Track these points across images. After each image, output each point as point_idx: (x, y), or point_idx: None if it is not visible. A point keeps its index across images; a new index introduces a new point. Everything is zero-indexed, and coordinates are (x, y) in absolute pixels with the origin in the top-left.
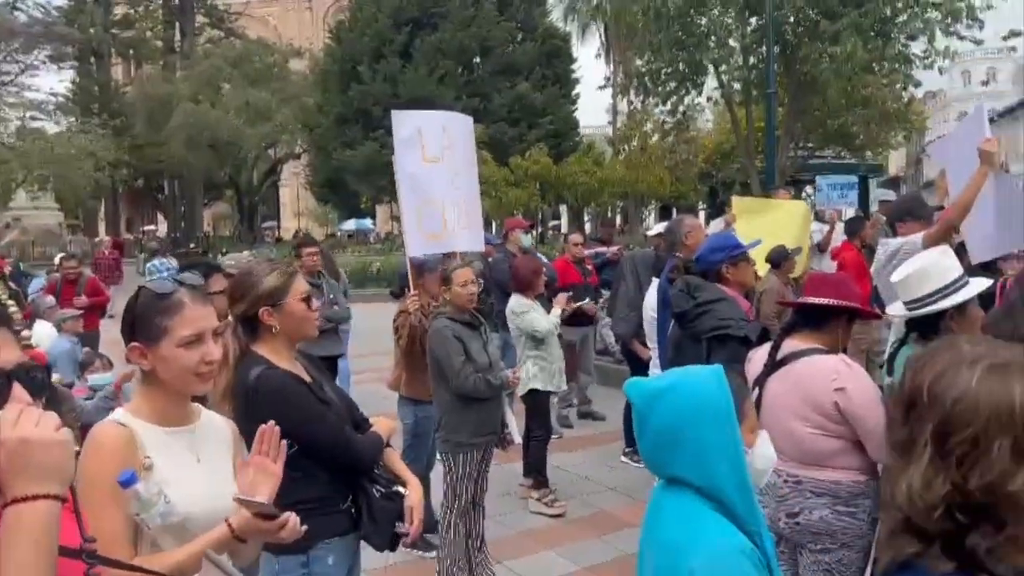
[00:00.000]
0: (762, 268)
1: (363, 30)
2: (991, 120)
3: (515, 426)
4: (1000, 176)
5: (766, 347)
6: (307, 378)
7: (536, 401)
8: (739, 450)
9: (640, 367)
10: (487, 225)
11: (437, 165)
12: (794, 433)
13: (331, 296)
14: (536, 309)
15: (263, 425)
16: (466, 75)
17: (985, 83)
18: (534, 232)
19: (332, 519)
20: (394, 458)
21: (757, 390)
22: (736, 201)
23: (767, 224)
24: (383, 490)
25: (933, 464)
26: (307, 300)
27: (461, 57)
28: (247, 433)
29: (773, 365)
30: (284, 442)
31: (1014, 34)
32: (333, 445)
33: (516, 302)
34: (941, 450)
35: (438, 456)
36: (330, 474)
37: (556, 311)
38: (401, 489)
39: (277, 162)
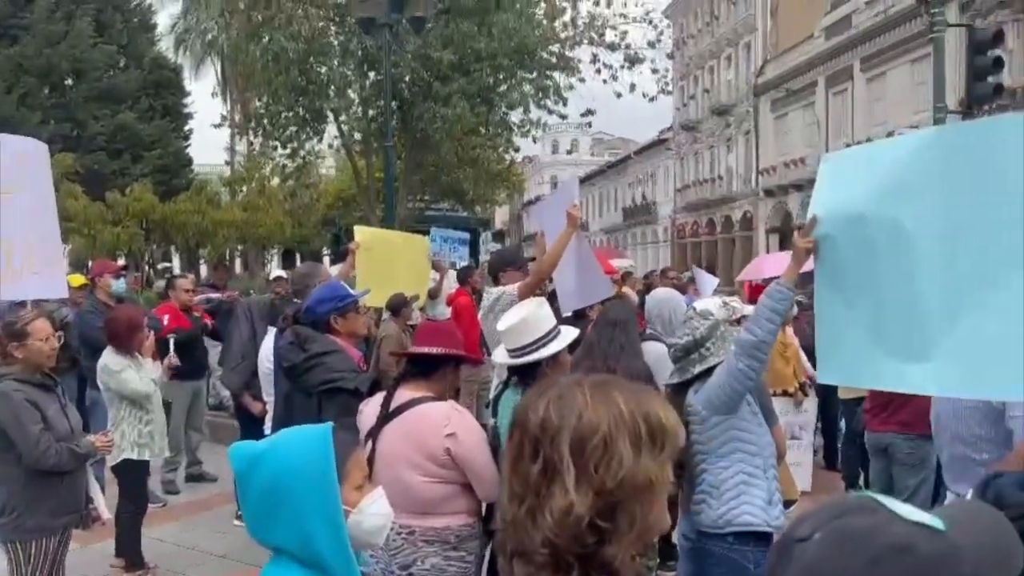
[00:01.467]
0: (379, 299)
1: None
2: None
3: (102, 500)
4: (580, 237)
5: (379, 398)
6: None
7: (129, 471)
8: (337, 513)
9: (253, 422)
10: (83, 267)
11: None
12: (405, 482)
13: None
14: (134, 367)
15: None
16: (55, 97)
17: (569, 152)
18: (141, 275)
19: None
20: None
21: (370, 443)
22: (359, 231)
23: (389, 261)
24: None
25: (576, 478)
26: None
27: (48, 77)
28: None
29: (386, 416)
30: None
31: (589, 112)
32: None
33: (110, 359)
34: (580, 461)
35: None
36: None
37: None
38: None
39: None
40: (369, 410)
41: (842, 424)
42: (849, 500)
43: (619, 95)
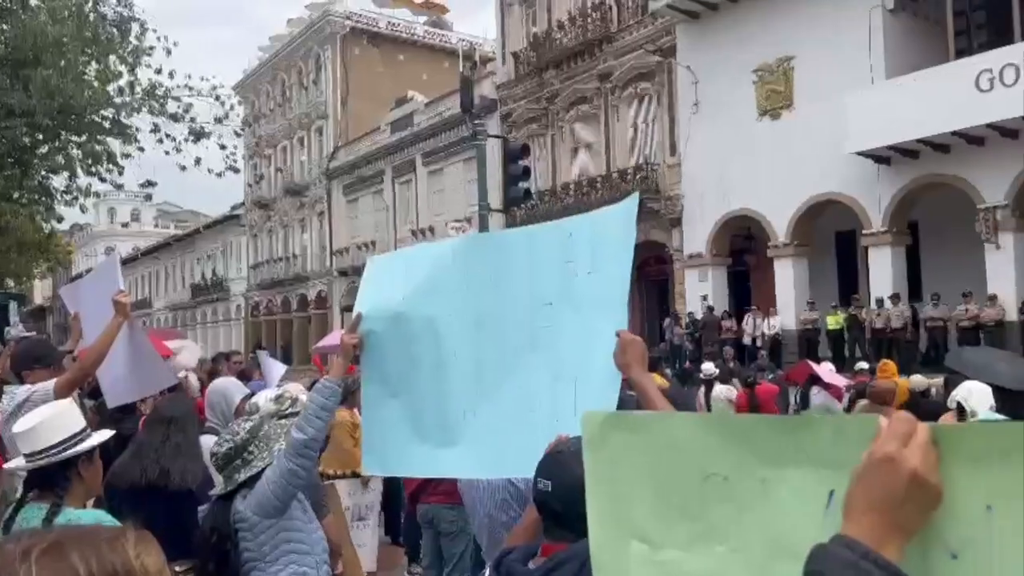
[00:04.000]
0: None
1: None
2: (137, 257)
3: None
4: (133, 324)
5: None
6: None
7: None
8: None
9: None
10: None
11: None
12: None
13: None
14: None
15: None
16: None
17: (125, 225)
18: None
19: None
20: None
21: None
22: None
23: None
24: None
25: None
26: None
27: None
28: None
29: None
30: None
31: (150, 183)
32: None
33: None
34: None
35: None
36: None
37: None
38: None
39: None
40: None
41: (405, 498)
42: None
43: (183, 168)
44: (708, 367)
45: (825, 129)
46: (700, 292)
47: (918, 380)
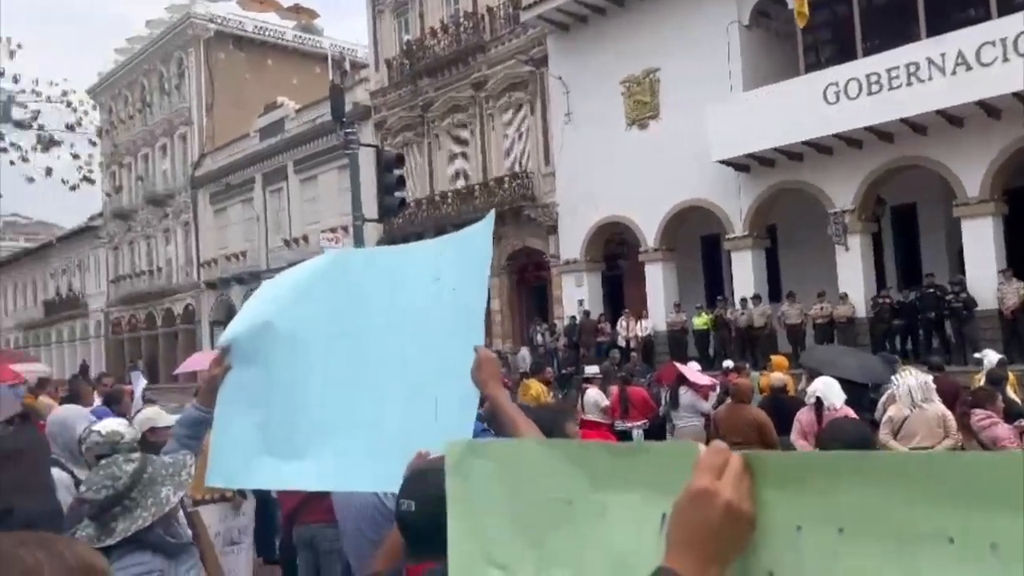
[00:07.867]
0: None
1: None
2: None
3: None
4: None
5: None
6: None
7: None
8: None
9: None
10: None
11: None
12: None
13: None
14: None
15: None
16: None
17: None
18: None
19: None
20: None
21: None
22: None
23: None
24: None
25: None
26: None
27: None
28: None
29: None
30: None
31: None
32: None
33: None
34: None
35: None
36: None
37: None
38: None
39: None
40: None
41: (279, 515)
42: None
43: (31, 180)
44: (593, 369)
45: (689, 138)
46: (577, 297)
47: (777, 377)
